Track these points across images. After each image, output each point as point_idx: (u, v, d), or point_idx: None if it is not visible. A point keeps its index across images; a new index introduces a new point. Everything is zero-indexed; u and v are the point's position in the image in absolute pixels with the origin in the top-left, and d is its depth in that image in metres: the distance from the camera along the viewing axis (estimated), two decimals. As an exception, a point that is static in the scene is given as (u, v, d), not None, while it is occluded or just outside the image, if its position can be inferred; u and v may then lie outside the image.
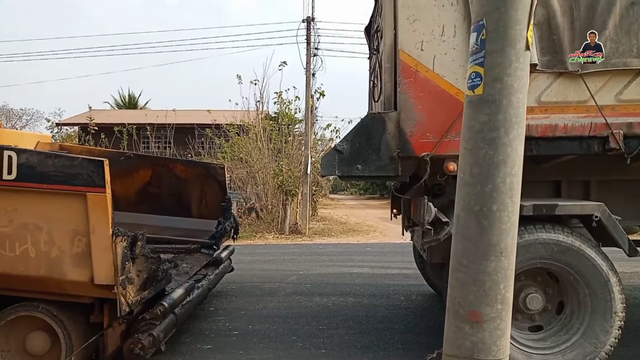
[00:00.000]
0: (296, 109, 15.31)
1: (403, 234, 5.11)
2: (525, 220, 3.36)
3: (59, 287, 3.26)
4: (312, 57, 15.06)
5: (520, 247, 3.33)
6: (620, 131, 3.31)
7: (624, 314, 3.37)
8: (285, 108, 15.07)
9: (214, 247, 5.45)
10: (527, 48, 2.02)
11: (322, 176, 3.64)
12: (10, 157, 3.12)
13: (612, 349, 3.36)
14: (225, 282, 6.06)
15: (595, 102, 3.32)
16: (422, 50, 3.37)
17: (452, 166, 3.39)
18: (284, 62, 14.61)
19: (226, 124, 14.87)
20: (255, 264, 8.20)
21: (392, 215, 5.05)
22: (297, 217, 14.02)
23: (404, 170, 3.54)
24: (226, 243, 5.90)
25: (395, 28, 3.49)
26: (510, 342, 3.41)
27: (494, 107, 2.01)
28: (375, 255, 9.36)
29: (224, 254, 5.63)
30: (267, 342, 4.41)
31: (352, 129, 3.62)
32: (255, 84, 14.82)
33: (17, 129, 19.65)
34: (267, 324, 4.93)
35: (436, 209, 3.56)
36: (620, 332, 3.38)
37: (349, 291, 6.25)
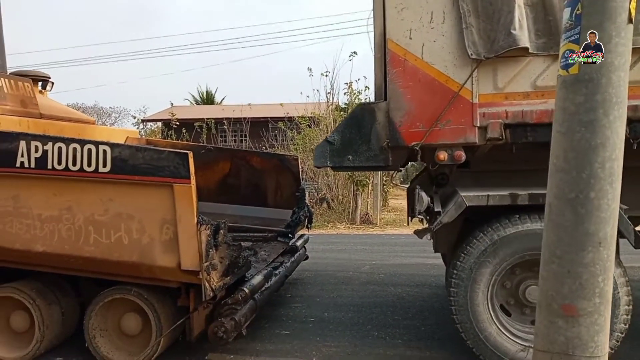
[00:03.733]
0: (366, 99, 15.21)
1: (408, 224, 5.00)
2: (521, 210, 3.28)
3: (149, 272, 3.47)
4: (382, 46, 14.82)
5: (515, 237, 3.24)
6: None
7: (630, 307, 3.16)
8: (355, 98, 15.00)
9: (290, 235, 5.57)
10: (630, 21, 1.85)
11: (316, 167, 3.64)
12: (105, 151, 3.34)
13: (618, 343, 3.15)
14: (300, 270, 6.17)
15: None
16: (410, 38, 3.31)
17: (442, 155, 3.35)
18: (354, 53, 14.57)
19: (298, 117, 15.08)
20: (328, 252, 8.28)
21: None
22: (368, 207, 13.97)
23: (394, 160, 3.51)
24: (301, 232, 6.00)
25: (384, 17, 3.41)
26: (506, 335, 3.32)
27: (591, 86, 1.87)
28: (450, 246, 9.11)
29: (299, 243, 5.74)
30: (343, 330, 4.45)
31: (343, 120, 3.60)
32: (326, 75, 14.88)
33: (106, 125, 21.12)
34: (342, 312, 4.97)
35: (429, 198, 3.51)
36: (626, 326, 3.15)
37: (424, 282, 6.14)
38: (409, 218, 4.66)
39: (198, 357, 3.88)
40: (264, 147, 15.77)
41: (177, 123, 15.39)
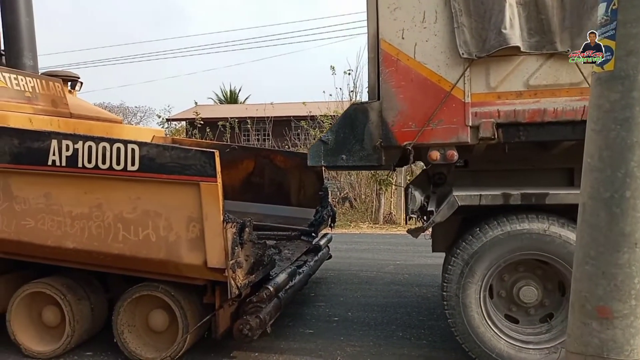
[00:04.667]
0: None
1: (406, 223, 4.97)
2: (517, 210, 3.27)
3: (176, 269, 3.51)
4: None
5: (510, 237, 3.22)
6: None
7: None
8: (378, 96, 14.92)
9: (313, 234, 5.58)
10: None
11: (310, 166, 3.66)
12: (133, 150, 3.40)
13: None
14: (323, 269, 6.17)
15: (588, 84, 2.99)
16: (403, 38, 3.32)
17: (435, 155, 3.36)
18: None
19: (320, 115, 15.08)
20: (351, 252, 8.26)
21: None
22: (392, 206, 13.88)
23: (387, 160, 3.51)
24: (324, 231, 6.00)
25: (377, 17, 3.41)
26: (499, 336, 3.31)
27: (627, 83, 1.81)
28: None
29: (322, 242, 5.74)
30: (367, 330, 4.43)
31: (337, 120, 3.61)
32: (349, 73, 14.85)
33: (132, 124, 21.51)
34: (366, 312, 4.96)
35: (422, 197, 3.50)
36: None
37: (449, 283, 6.06)
38: (406, 217, 4.67)
39: (223, 354, 3.92)
40: (286, 146, 15.82)
41: (202, 122, 15.55)
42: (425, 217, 3.49)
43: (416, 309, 4.99)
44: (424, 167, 3.81)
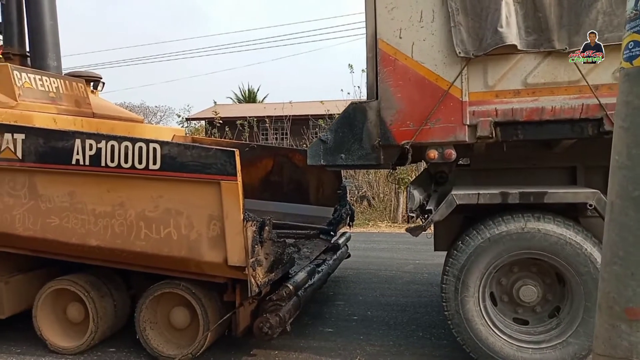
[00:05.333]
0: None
1: (408, 221, 4.95)
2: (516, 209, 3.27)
3: (197, 267, 3.55)
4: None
5: (508, 237, 3.21)
6: None
7: None
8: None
9: (332, 233, 5.57)
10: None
11: (309, 165, 3.67)
12: (155, 149, 3.44)
13: None
14: (342, 267, 6.16)
15: (587, 82, 3.02)
16: (400, 38, 3.34)
17: (433, 153, 3.37)
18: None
19: (338, 114, 15.03)
20: (370, 251, 8.23)
21: None
22: (410, 205, 13.78)
23: (385, 159, 3.54)
24: (342, 230, 5.99)
25: (375, 17, 3.42)
26: (499, 336, 3.30)
27: (657, 78, 1.76)
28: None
29: (341, 240, 5.73)
30: (387, 330, 4.41)
31: (336, 119, 3.63)
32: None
33: (152, 124, 21.78)
34: (386, 311, 4.93)
35: (422, 196, 3.52)
36: None
37: (470, 282, 6.00)
38: (408, 217, 4.64)
39: (243, 352, 3.94)
40: (304, 145, 15.81)
41: (221, 121, 15.66)
42: (425, 216, 3.49)
43: (436, 309, 4.94)
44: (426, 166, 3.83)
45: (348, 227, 5.94)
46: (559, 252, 3.16)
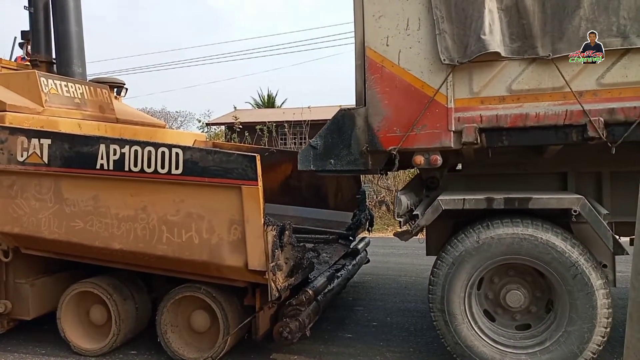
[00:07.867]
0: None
1: (400, 226, 4.91)
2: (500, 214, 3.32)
3: (218, 271, 3.57)
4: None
5: (494, 242, 3.25)
6: (601, 118, 2.99)
7: (609, 319, 3.11)
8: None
9: (351, 238, 5.55)
10: None
11: (299, 170, 3.69)
12: (177, 154, 3.48)
13: (595, 356, 3.16)
14: (361, 273, 6.12)
15: (570, 88, 3.03)
16: (387, 45, 3.39)
17: (419, 159, 3.42)
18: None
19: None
20: (389, 256, 8.17)
21: None
22: (430, 210, 13.66)
23: (373, 164, 3.56)
24: (361, 235, 5.96)
25: (363, 25, 3.46)
26: (485, 340, 3.32)
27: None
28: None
29: (360, 245, 5.70)
30: (406, 336, 4.38)
31: (326, 125, 3.67)
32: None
33: (173, 129, 22.07)
34: (406, 317, 4.89)
35: (410, 201, 3.55)
36: (604, 338, 3.09)
37: (491, 289, 5.91)
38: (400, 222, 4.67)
39: (263, 356, 3.95)
40: (323, 150, 15.79)
41: (240, 126, 15.77)
42: (414, 221, 3.50)
43: (457, 316, 4.87)
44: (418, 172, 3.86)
45: (367, 232, 5.92)
46: (543, 257, 3.19)
